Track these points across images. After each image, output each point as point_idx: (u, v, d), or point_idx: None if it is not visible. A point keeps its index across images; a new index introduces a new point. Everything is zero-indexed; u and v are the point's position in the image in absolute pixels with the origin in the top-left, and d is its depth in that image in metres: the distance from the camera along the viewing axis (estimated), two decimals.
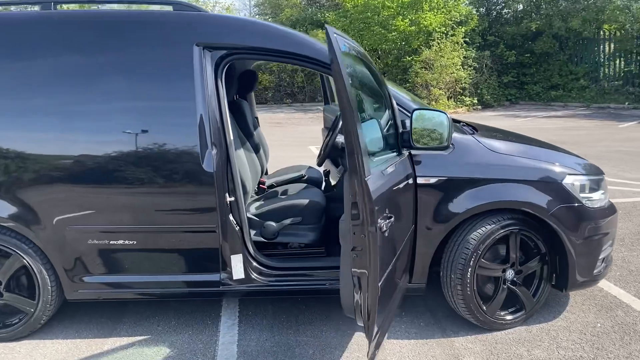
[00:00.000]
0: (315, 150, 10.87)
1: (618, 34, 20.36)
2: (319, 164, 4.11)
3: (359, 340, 3.41)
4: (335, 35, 2.56)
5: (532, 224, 3.39)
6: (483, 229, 3.30)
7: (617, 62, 20.64)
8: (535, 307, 3.52)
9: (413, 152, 3.25)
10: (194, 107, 3.22)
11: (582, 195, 3.42)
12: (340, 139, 3.94)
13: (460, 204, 3.28)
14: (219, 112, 3.28)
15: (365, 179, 2.36)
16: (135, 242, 3.34)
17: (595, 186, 3.53)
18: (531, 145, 3.78)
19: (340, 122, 4.01)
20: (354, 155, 2.38)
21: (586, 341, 3.32)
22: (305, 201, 3.74)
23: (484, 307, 3.39)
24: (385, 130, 3.16)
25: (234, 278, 3.42)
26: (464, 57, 19.72)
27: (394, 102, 3.34)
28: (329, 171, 4.55)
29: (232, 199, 3.33)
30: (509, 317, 3.47)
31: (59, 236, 3.29)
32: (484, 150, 3.40)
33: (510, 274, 3.43)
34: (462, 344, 3.33)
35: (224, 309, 3.86)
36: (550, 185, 3.37)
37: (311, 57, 3.31)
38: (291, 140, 12.56)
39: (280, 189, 4.21)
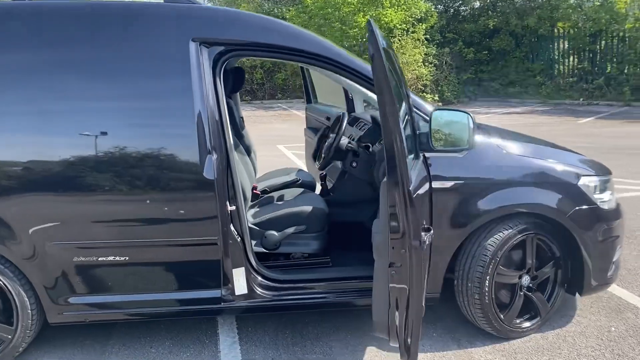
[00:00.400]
0: (285, 149, 10.60)
1: (571, 31, 20.91)
2: (321, 168, 3.88)
3: (372, 356, 3.20)
4: (377, 30, 2.31)
5: (547, 228, 3.26)
6: (500, 234, 3.16)
7: (571, 59, 21.20)
8: (550, 312, 3.41)
9: (428, 155, 3.06)
10: (191, 108, 2.93)
11: (595, 196, 3.33)
12: (343, 140, 3.72)
13: (478, 209, 3.11)
14: (218, 113, 3.00)
15: (409, 188, 2.15)
16: (127, 258, 3.02)
17: (605, 187, 3.44)
18: (541, 145, 3.66)
19: (344, 123, 3.83)
20: (395, 161, 2.16)
21: (605, 347, 3.23)
22: (309, 208, 3.50)
23: (502, 316, 3.24)
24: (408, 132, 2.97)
25: (236, 293, 3.15)
26: (425, 54, 19.80)
27: (411, 102, 3.14)
28: (325, 174, 4.33)
29: (233, 207, 3.07)
30: (526, 325, 3.34)
31: (40, 253, 2.94)
32: (499, 152, 3.25)
33: (526, 280, 3.30)
34: (481, 356, 3.17)
35: (221, 326, 3.58)
36: (567, 187, 3.25)
37: (322, 55, 3.07)
38: (257, 139, 12.18)
39: (275, 195, 3.95)
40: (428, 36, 20.49)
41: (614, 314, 3.63)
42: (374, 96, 4.72)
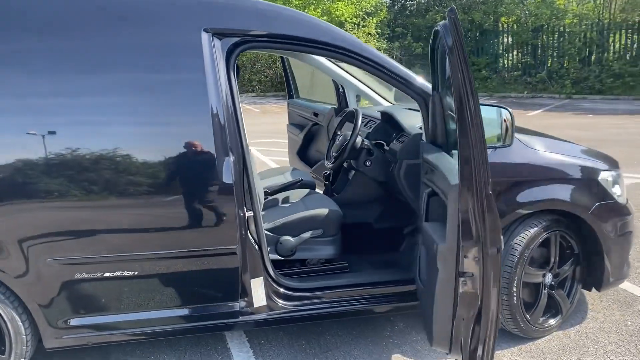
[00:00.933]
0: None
1: (515, 26, 21.53)
2: (334, 168, 3.68)
3: None
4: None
5: (567, 224, 3.21)
6: (527, 232, 3.07)
7: (515, 53, 21.83)
8: (570, 310, 3.37)
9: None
10: (206, 105, 2.66)
11: (613, 190, 3.30)
12: (358, 138, 3.53)
13: (507, 207, 3.01)
14: (233, 110, 2.74)
15: (489, 192, 1.99)
16: (136, 273, 2.72)
17: (618, 180, 3.43)
18: (556, 140, 3.61)
19: (359, 120, 3.63)
20: (472, 163, 1.99)
21: (627, 342, 3.21)
22: (325, 211, 3.29)
23: (528, 316, 3.17)
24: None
25: (255, 305, 2.92)
26: (376, 48, 19.87)
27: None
28: (329, 174, 4.12)
29: (251, 213, 2.82)
30: (549, 323, 3.27)
31: (35, 271, 2.60)
32: (523, 148, 3.15)
33: (549, 278, 3.23)
34: (510, 358, 3.08)
35: (230, 340, 3.32)
36: (589, 182, 3.21)
37: (345, 48, 2.86)
38: None
39: (280, 197, 3.70)
40: (379, 30, 20.59)
41: (626, 307, 3.64)
42: (369, 91, 4.62)
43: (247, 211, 2.80)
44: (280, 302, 2.96)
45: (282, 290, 2.97)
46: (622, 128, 11.59)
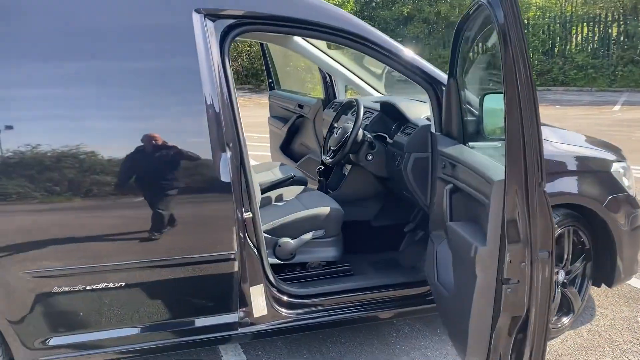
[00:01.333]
0: None
1: None
2: (334, 163, 3.43)
3: None
4: None
5: (579, 218, 3.06)
6: None
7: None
8: (581, 307, 3.22)
9: (472, 144, 2.70)
10: (200, 95, 2.37)
11: (624, 182, 3.17)
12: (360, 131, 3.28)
13: None
14: (229, 100, 2.46)
15: (544, 189, 1.78)
16: (122, 284, 2.42)
17: (626, 172, 3.30)
18: (567, 131, 3.44)
19: (361, 112, 3.37)
20: (522, 158, 1.77)
21: None
22: (327, 210, 3.03)
23: None
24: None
25: (255, 315, 2.65)
26: None
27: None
28: (322, 168, 3.86)
29: (250, 214, 2.56)
30: (563, 322, 3.12)
31: (6, 286, 2.27)
32: None
33: (562, 275, 3.08)
34: None
35: (224, 351, 3.05)
36: (602, 175, 3.07)
37: (350, 31, 2.61)
38: None
39: (273, 195, 3.43)
40: None
41: (633, 303, 3.53)
42: (358, 81, 4.38)
43: (245, 212, 2.53)
44: (283, 310, 2.71)
45: (285, 297, 2.72)
46: (591, 119, 11.73)
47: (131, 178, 2.35)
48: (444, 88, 2.75)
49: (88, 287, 2.37)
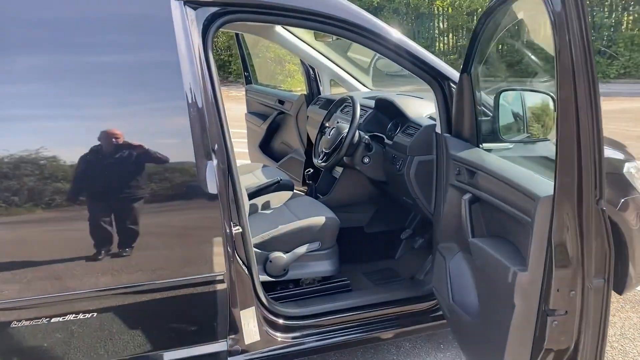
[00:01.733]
0: None
1: (450, 10, 21.57)
2: (327, 167, 3.13)
3: None
4: None
5: None
6: None
7: (451, 36, 21.92)
8: None
9: (486, 146, 2.44)
10: (181, 92, 2.04)
11: (636, 183, 2.97)
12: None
13: None
14: (214, 100, 2.15)
15: (604, 207, 1.52)
16: (94, 315, 2.08)
17: (638, 172, 3.10)
18: None
19: (357, 111, 3.07)
20: (574, 166, 1.51)
21: None
22: (322, 220, 2.74)
23: None
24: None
25: (247, 342, 2.36)
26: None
27: None
28: (310, 172, 3.56)
29: (239, 229, 2.25)
30: None
31: None
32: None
33: None
34: None
35: None
36: (614, 176, 2.86)
37: (346, 19, 2.31)
38: None
39: (259, 202, 3.11)
40: None
41: (637, 307, 3.36)
42: (345, 75, 4.10)
43: (234, 227, 2.22)
44: (278, 335, 2.42)
45: (279, 320, 2.43)
46: None
47: (102, 190, 2.01)
48: (451, 84, 2.49)
49: (54, 320, 2.03)
